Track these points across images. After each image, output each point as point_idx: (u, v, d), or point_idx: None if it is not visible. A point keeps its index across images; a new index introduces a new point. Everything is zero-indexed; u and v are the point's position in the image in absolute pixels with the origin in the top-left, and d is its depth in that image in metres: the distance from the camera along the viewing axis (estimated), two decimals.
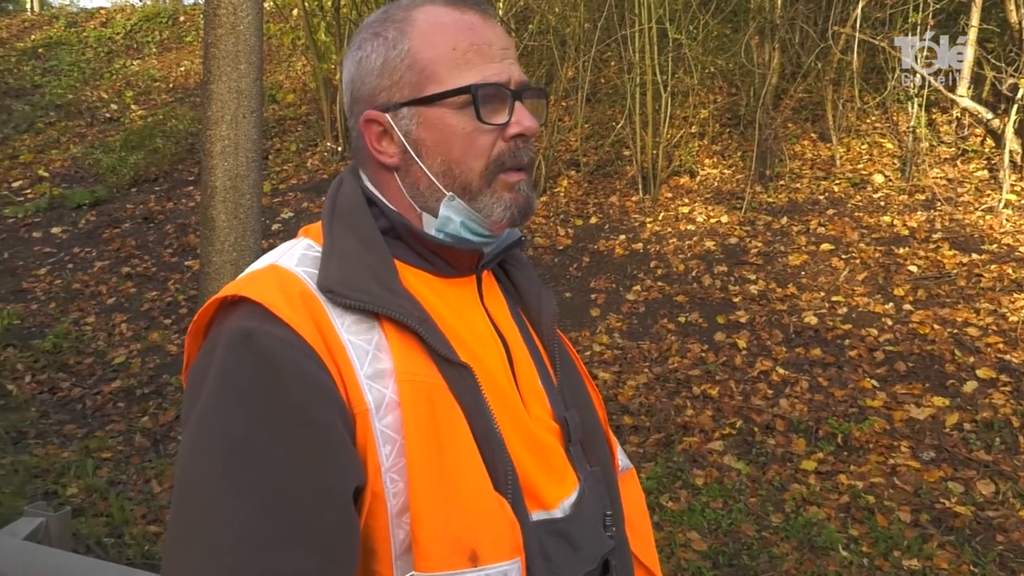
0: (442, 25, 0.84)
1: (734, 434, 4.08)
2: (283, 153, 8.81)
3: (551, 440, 0.88)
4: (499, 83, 0.84)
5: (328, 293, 0.78)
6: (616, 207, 6.70)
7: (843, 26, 6.50)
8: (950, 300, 4.87)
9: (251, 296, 0.77)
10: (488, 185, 0.85)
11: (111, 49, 12.68)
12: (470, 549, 0.75)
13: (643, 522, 1.09)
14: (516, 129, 0.85)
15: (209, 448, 0.72)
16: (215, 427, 0.72)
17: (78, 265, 6.73)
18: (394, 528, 0.75)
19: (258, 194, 3.82)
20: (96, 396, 4.86)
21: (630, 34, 6.72)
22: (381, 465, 0.75)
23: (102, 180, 8.37)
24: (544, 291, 0.99)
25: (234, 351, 0.74)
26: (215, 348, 0.75)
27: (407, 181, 0.86)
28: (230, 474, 0.70)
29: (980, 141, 6.46)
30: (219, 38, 3.62)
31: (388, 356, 0.78)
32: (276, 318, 0.75)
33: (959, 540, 3.28)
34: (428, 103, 0.84)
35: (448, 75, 0.83)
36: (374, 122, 0.86)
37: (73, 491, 3.76)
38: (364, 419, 0.75)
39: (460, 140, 0.84)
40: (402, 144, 0.85)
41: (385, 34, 0.85)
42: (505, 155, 0.85)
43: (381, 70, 0.85)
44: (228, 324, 0.76)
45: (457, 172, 0.85)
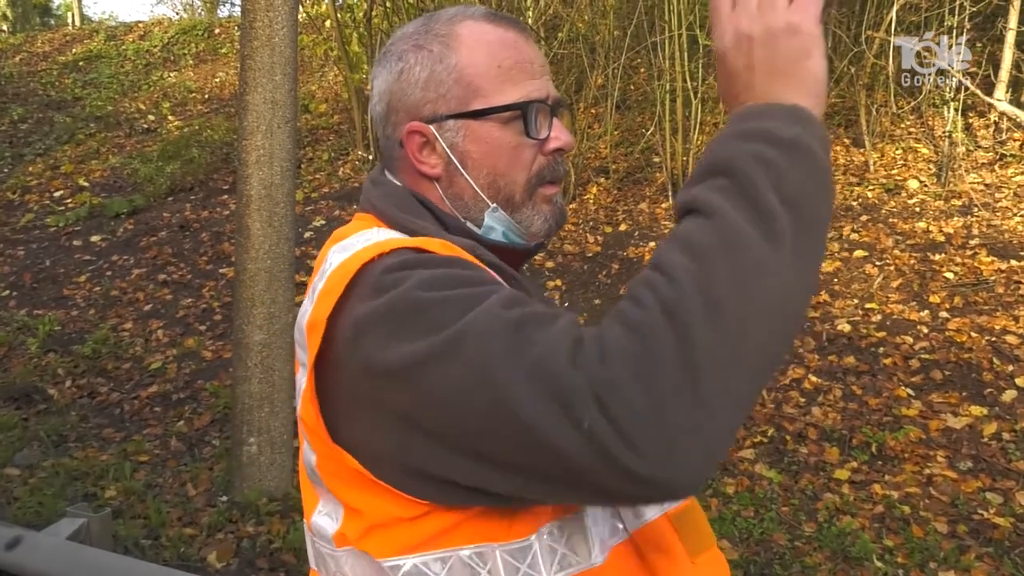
0: (487, 42, 0.87)
1: (766, 442, 4.04)
2: (315, 162, 8.93)
3: None
4: (541, 99, 0.87)
5: (475, 249, 0.82)
6: (646, 214, 6.69)
7: (876, 30, 6.42)
8: (988, 307, 4.78)
9: (398, 245, 0.76)
10: (530, 198, 0.89)
11: (149, 62, 12.97)
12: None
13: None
14: (556, 144, 0.89)
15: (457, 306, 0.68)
16: (449, 299, 0.69)
17: (116, 272, 6.88)
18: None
19: (292, 203, 3.88)
20: (133, 401, 4.97)
21: (660, 41, 6.71)
22: None
23: (140, 189, 8.56)
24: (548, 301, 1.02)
25: (418, 265, 0.73)
26: (391, 270, 0.73)
27: (450, 192, 0.89)
28: (475, 295, 0.69)
29: (1019, 146, 6.33)
30: (255, 50, 3.70)
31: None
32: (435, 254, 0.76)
33: (998, 552, 3.21)
34: (476, 117, 0.86)
35: (494, 90, 0.86)
36: (417, 133, 0.88)
37: (111, 493, 3.85)
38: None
39: (506, 154, 0.87)
40: (446, 155, 0.88)
41: (430, 47, 0.87)
42: (545, 169, 0.89)
43: (427, 83, 0.87)
44: (384, 263, 0.74)
45: (502, 184, 0.88)
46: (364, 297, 0.73)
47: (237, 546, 3.42)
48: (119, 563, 2.02)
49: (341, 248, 0.83)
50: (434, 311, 0.68)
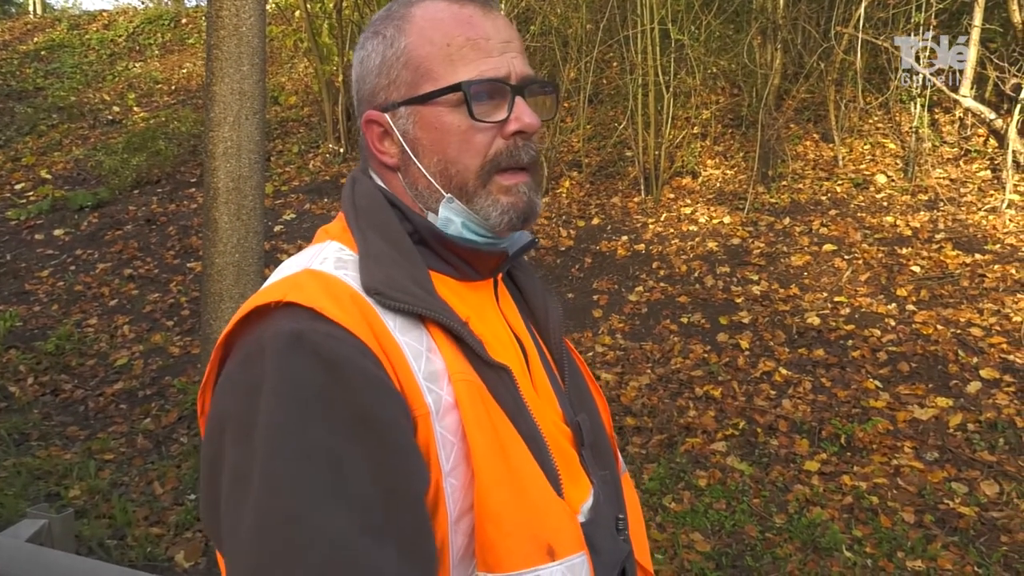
0: (439, 20, 0.82)
1: (737, 435, 4.07)
2: (285, 155, 8.81)
3: (567, 445, 0.86)
4: (495, 78, 0.81)
5: (376, 295, 0.76)
6: (618, 208, 6.70)
7: (845, 26, 6.49)
8: (953, 300, 4.86)
9: (296, 300, 0.72)
10: (483, 186, 0.83)
11: (113, 51, 12.70)
12: (547, 544, 0.74)
13: (640, 526, 1.07)
14: (515, 126, 0.82)
15: (283, 455, 0.66)
16: (287, 436, 0.66)
17: (80, 267, 6.73)
18: (453, 534, 0.74)
19: (260, 196, 3.81)
20: (98, 398, 4.86)
21: (632, 35, 6.72)
22: (442, 469, 0.73)
23: (104, 182, 8.38)
24: (550, 296, 0.98)
25: (288, 354, 0.69)
26: (262, 352, 0.70)
27: (407, 181, 0.85)
28: (309, 480, 0.66)
29: (983, 141, 6.44)
30: (222, 40, 3.62)
31: (439, 357, 0.76)
32: (326, 319, 0.71)
33: (963, 541, 3.27)
34: (423, 101, 0.82)
35: (443, 72, 0.81)
36: (374, 122, 0.85)
37: (75, 493, 3.76)
38: (426, 422, 0.73)
39: (455, 139, 0.82)
40: (400, 144, 0.84)
41: (384, 32, 0.84)
42: (502, 155, 0.82)
43: (379, 69, 0.84)
44: (270, 328, 0.71)
45: (453, 172, 0.83)
46: (238, 357, 0.73)
47: (205, 545, 3.36)
48: (81, 565, 1.97)
49: (286, 263, 0.83)
50: (276, 465, 0.66)
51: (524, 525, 0.74)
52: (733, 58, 7.27)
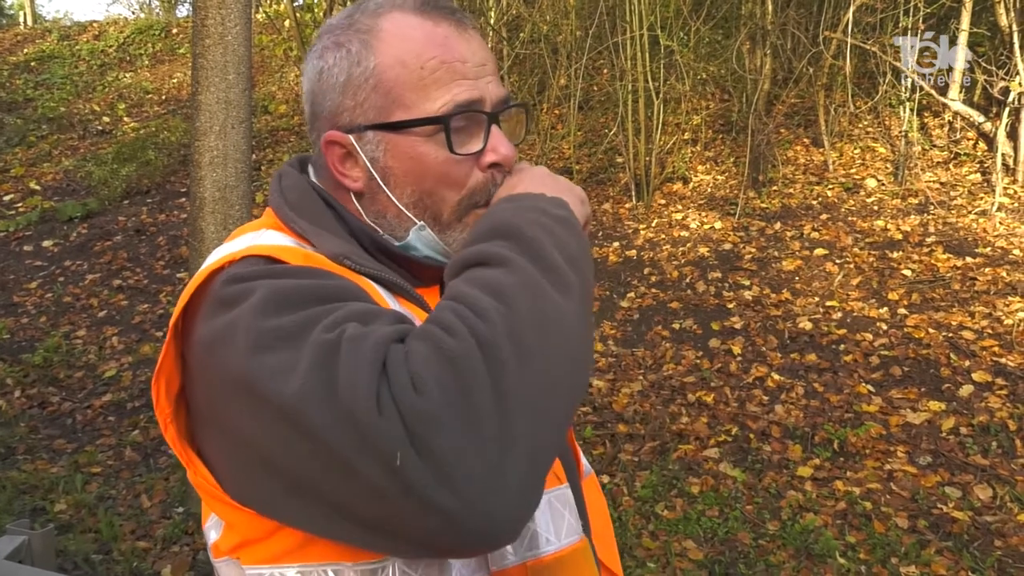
0: (411, 39, 0.77)
1: (729, 441, 4.04)
2: (276, 164, 8.78)
3: None
4: (471, 105, 0.77)
5: (345, 260, 0.75)
6: (609, 214, 6.69)
7: (834, 31, 6.51)
8: (945, 304, 4.86)
9: (253, 252, 0.71)
10: (459, 220, 0.80)
11: (104, 62, 12.67)
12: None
13: (608, 529, 1.05)
14: (492, 158, 0.79)
15: (278, 337, 0.63)
16: (272, 321, 0.64)
17: (69, 278, 6.69)
18: None
19: (248, 205, 3.78)
20: (86, 410, 4.82)
21: (622, 41, 6.72)
22: None
23: (94, 193, 8.33)
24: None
25: (261, 274, 0.68)
26: (232, 296, 0.67)
27: (373, 208, 0.81)
28: (320, 289, 0.67)
29: (972, 144, 6.46)
30: (207, 48, 3.60)
31: (413, 316, 0.74)
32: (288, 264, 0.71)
33: (957, 546, 3.25)
34: (395, 129, 0.77)
35: (416, 98, 0.76)
36: (336, 143, 0.79)
37: (61, 507, 3.72)
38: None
39: (433, 171, 0.78)
40: (368, 170, 0.79)
41: (349, 45, 0.78)
42: (479, 190, 0.79)
43: (344, 88, 0.78)
44: (235, 270, 0.69)
45: (429, 203, 0.79)
46: (208, 314, 0.69)
47: (193, 559, 3.32)
48: None
49: (218, 250, 0.78)
50: (268, 338, 0.63)
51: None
52: (723, 64, 7.28)
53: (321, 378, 0.59)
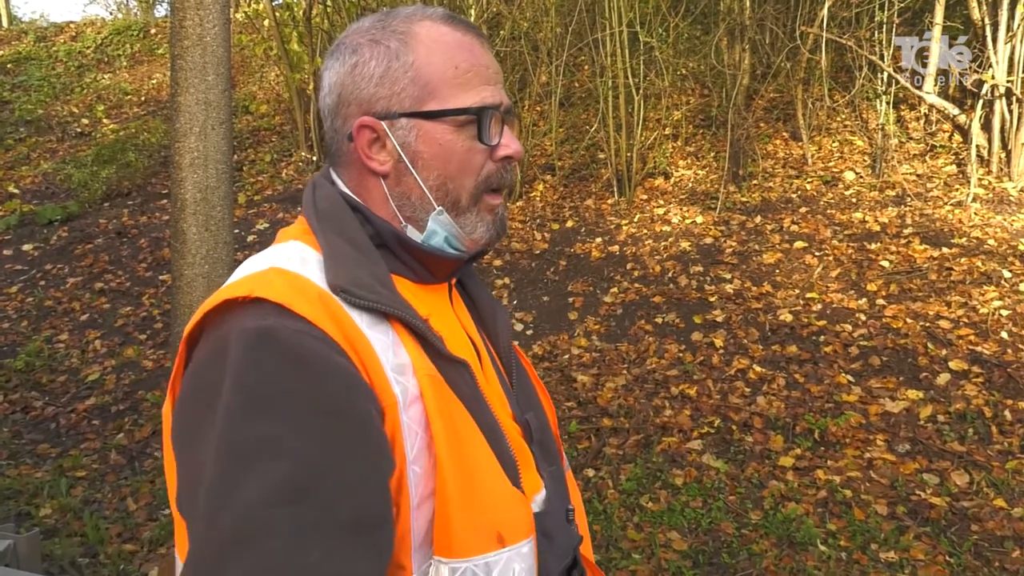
0: (444, 43, 0.87)
1: (712, 433, 4.09)
2: (258, 164, 8.75)
3: (520, 440, 0.92)
4: (495, 106, 0.88)
5: (343, 293, 0.79)
6: (592, 210, 6.73)
7: (810, 26, 6.57)
8: (922, 294, 4.93)
9: (264, 295, 0.75)
10: (474, 204, 0.89)
11: (82, 63, 12.55)
12: (496, 532, 0.80)
13: (584, 521, 1.13)
14: (505, 151, 0.89)
15: (241, 451, 0.69)
16: (252, 425, 0.69)
17: (50, 282, 6.64)
18: (414, 520, 0.78)
19: (229, 206, 3.79)
20: (70, 414, 4.80)
21: (601, 38, 6.75)
22: (407, 457, 0.77)
23: (74, 195, 8.27)
24: (499, 305, 1.05)
25: (253, 349, 0.72)
26: (227, 348, 0.72)
27: (397, 190, 0.88)
28: (269, 478, 0.68)
29: (948, 137, 6.55)
30: (185, 50, 3.60)
31: (405, 352, 0.80)
32: (295, 314, 0.74)
33: (935, 531, 3.31)
34: (430, 118, 0.86)
35: (450, 93, 0.86)
36: (368, 128, 0.87)
37: (47, 511, 3.71)
38: (393, 411, 0.77)
39: (457, 157, 0.87)
40: (397, 154, 0.87)
41: (387, 43, 0.87)
42: (493, 176, 0.89)
43: (381, 79, 0.86)
44: (239, 323, 0.74)
45: (451, 187, 0.88)
46: (203, 353, 0.77)
47: None
48: None
49: (250, 262, 0.86)
50: (236, 432, 0.70)
51: (475, 513, 0.78)
52: (702, 59, 7.34)
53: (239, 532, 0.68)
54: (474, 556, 0.78)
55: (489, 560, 0.79)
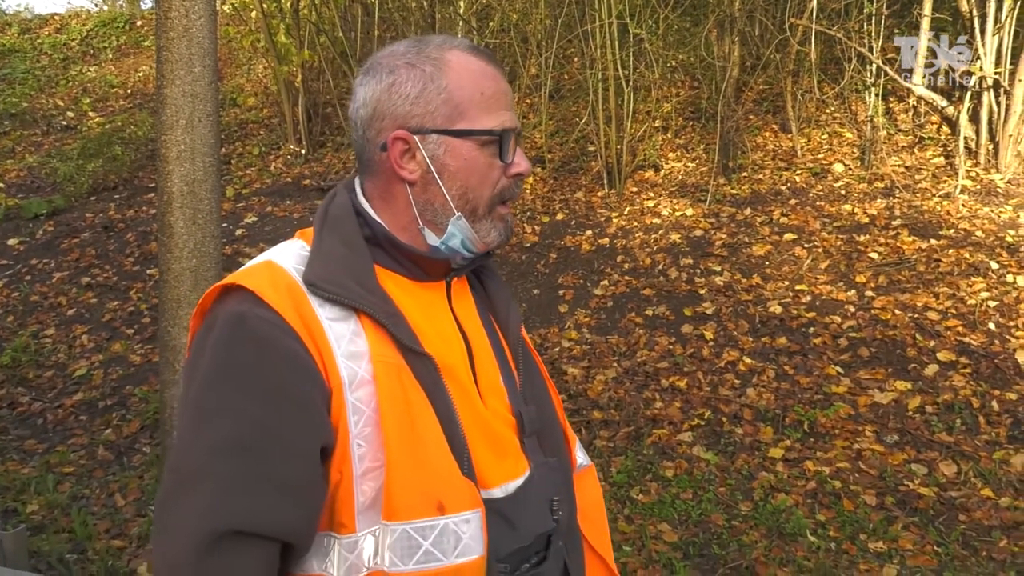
0: (472, 71, 1.00)
1: (703, 425, 4.10)
2: (246, 157, 8.69)
3: (505, 430, 1.03)
4: (512, 129, 1.02)
5: (310, 286, 0.94)
6: (582, 203, 6.72)
7: (800, 18, 6.57)
8: (910, 285, 4.95)
9: (244, 284, 0.93)
10: (489, 213, 1.02)
11: (67, 56, 12.42)
12: (438, 500, 0.91)
13: (599, 515, 1.24)
14: (518, 169, 1.03)
15: (203, 409, 0.88)
16: (212, 391, 0.88)
17: (36, 277, 6.58)
18: (358, 485, 0.90)
19: (217, 199, 3.75)
20: (57, 410, 4.76)
21: (591, 30, 6.73)
22: (350, 431, 0.90)
23: (60, 189, 8.19)
24: (512, 302, 1.16)
25: (228, 329, 0.90)
26: (214, 325, 0.92)
27: (422, 197, 1.01)
28: (219, 433, 0.86)
29: (936, 128, 6.57)
30: (171, 41, 3.55)
31: (364, 341, 0.93)
32: (264, 303, 0.91)
33: (923, 521, 3.33)
34: (458, 135, 0.99)
35: (477, 115, 0.99)
36: (401, 140, 0.99)
37: (34, 508, 3.68)
38: (339, 392, 0.91)
39: (478, 171, 1.00)
40: (426, 165, 1.00)
41: (422, 67, 0.99)
42: (507, 190, 1.03)
43: (417, 98, 0.99)
44: (225, 306, 0.92)
45: (471, 197, 1.01)
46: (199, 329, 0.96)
47: None
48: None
49: (265, 252, 1.03)
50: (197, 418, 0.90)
51: (419, 483, 0.90)
52: (691, 51, 7.33)
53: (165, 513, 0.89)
54: (411, 520, 0.89)
55: (426, 525, 0.90)
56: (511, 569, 0.99)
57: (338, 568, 0.90)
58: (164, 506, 0.87)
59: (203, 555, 0.83)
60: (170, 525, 0.86)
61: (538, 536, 1.02)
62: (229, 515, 0.84)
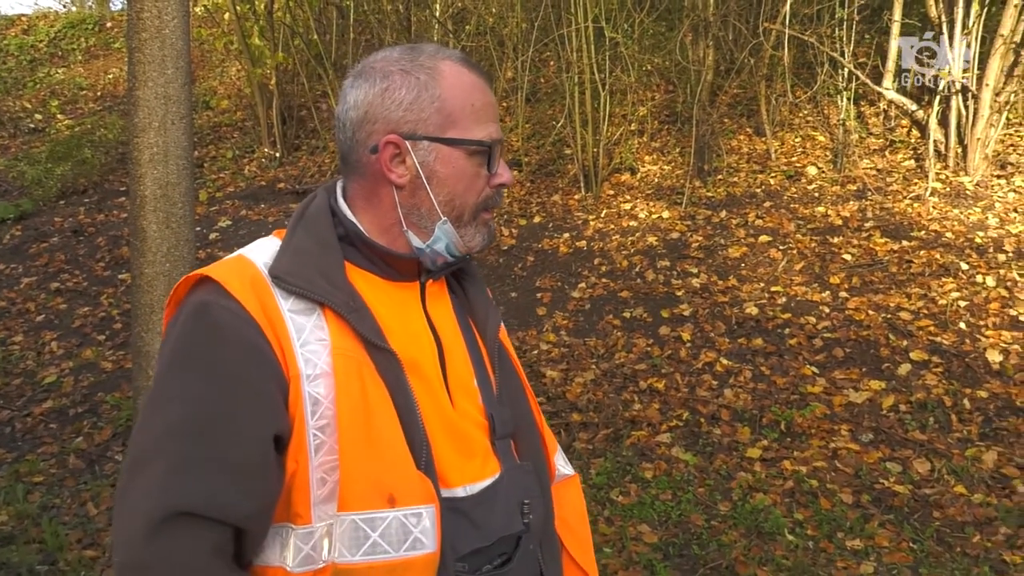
0: (464, 83, 1.02)
1: (681, 426, 4.12)
2: (219, 160, 8.60)
3: (473, 431, 1.04)
4: (498, 143, 1.05)
5: (275, 279, 0.96)
6: (559, 206, 6.73)
7: (773, 22, 6.65)
8: (883, 286, 5.02)
9: (212, 275, 0.95)
10: (473, 219, 1.05)
11: (34, 57, 12.21)
12: (389, 493, 0.92)
13: (582, 526, 1.25)
14: (501, 180, 1.06)
15: (161, 393, 0.91)
16: (172, 375, 0.92)
17: (3, 282, 6.45)
18: (313, 474, 0.91)
19: (190, 203, 3.70)
20: (26, 418, 4.66)
21: (567, 33, 6.75)
22: (306, 421, 0.92)
23: (27, 193, 8.04)
24: (491, 306, 1.17)
25: (192, 318, 0.93)
26: (182, 314, 0.95)
27: (409, 201, 1.03)
28: (172, 416, 0.89)
29: (906, 132, 6.68)
30: (143, 42, 3.50)
31: (326, 334, 0.94)
32: (229, 294, 0.93)
33: (898, 518, 3.38)
34: (449, 144, 1.01)
35: (467, 125, 1.02)
36: (393, 144, 1.01)
37: (3, 518, 3.60)
38: (296, 382, 0.92)
39: (466, 179, 1.03)
40: (415, 170, 1.01)
41: (417, 75, 1.01)
42: (490, 199, 1.06)
43: (411, 105, 1.00)
44: (193, 296, 0.96)
45: (457, 203, 1.03)
46: (170, 317, 0.99)
47: None
48: None
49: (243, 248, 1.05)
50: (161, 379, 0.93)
51: (370, 474, 0.92)
52: (666, 55, 7.38)
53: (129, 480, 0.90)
54: (360, 511, 0.91)
55: (375, 516, 0.91)
56: (471, 568, 0.99)
57: (294, 559, 0.91)
58: (120, 487, 0.90)
59: (152, 534, 0.84)
60: (123, 505, 0.88)
61: (503, 538, 1.02)
62: (177, 495, 0.85)
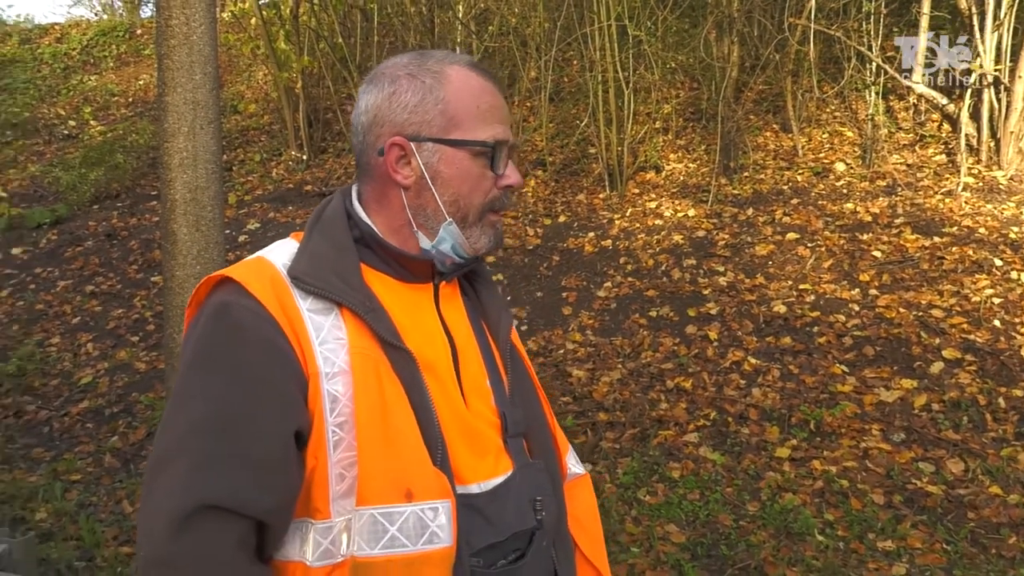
0: (470, 86, 1.04)
1: (708, 425, 4.10)
2: (247, 164, 8.71)
3: (486, 429, 1.06)
4: (505, 142, 1.05)
5: (295, 279, 0.98)
6: (584, 205, 6.72)
7: (799, 17, 6.58)
8: (914, 283, 4.95)
9: (232, 276, 0.98)
10: (479, 220, 1.06)
11: (67, 65, 12.45)
12: (406, 488, 0.94)
13: (594, 524, 1.28)
14: (508, 181, 1.07)
15: (184, 392, 0.93)
16: (194, 375, 0.94)
17: (40, 285, 6.59)
18: (332, 469, 0.93)
19: (220, 206, 3.75)
20: (63, 418, 4.77)
21: (590, 32, 6.74)
22: (326, 419, 0.94)
23: (62, 198, 8.21)
24: (504, 309, 1.19)
25: (212, 318, 0.95)
26: (203, 314, 0.97)
27: (416, 202, 1.05)
28: (195, 413, 0.91)
29: (937, 126, 6.57)
30: (172, 49, 3.56)
31: (344, 333, 0.97)
32: (249, 293, 0.96)
33: (931, 519, 3.33)
34: (452, 145, 1.03)
35: (471, 126, 1.03)
36: (398, 146, 1.03)
37: (42, 516, 3.69)
38: (315, 380, 0.94)
39: (471, 180, 1.04)
40: (420, 171, 1.04)
41: (422, 79, 1.04)
42: (497, 200, 1.07)
43: (415, 108, 1.03)
44: (214, 297, 0.98)
45: (462, 204, 1.05)
46: (192, 317, 1.01)
47: None
48: None
49: (260, 252, 1.07)
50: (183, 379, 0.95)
51: (388, 470, 0.94)
52: (690, 52, 7.33)
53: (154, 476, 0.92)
54: (379, 505, 0.92)
55: (393, 510, 0.93)
56: (485, 563, 1.01)
57: (313, 553, 0.93)
58: (145, 485, 0.92)
59: (177, 530, 0.86)
60: (148, 502, 0.90)
61: (517, 533, 1.04)
62: (200, 490, 0.87)
